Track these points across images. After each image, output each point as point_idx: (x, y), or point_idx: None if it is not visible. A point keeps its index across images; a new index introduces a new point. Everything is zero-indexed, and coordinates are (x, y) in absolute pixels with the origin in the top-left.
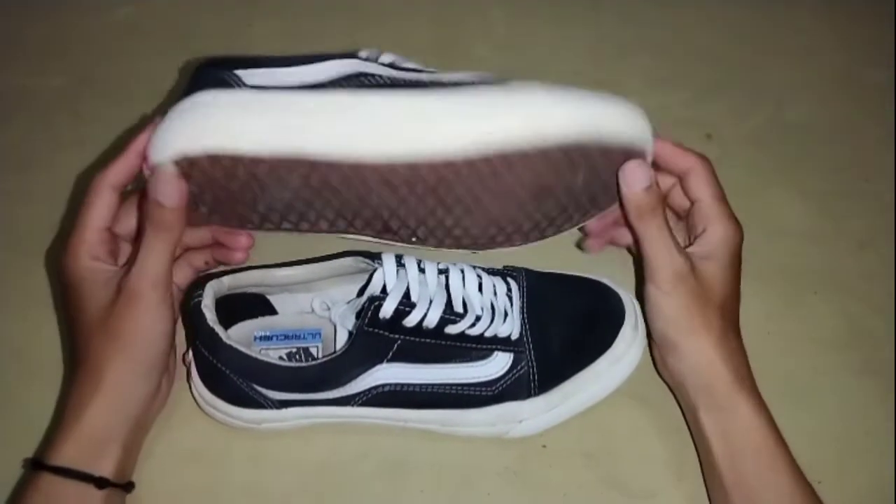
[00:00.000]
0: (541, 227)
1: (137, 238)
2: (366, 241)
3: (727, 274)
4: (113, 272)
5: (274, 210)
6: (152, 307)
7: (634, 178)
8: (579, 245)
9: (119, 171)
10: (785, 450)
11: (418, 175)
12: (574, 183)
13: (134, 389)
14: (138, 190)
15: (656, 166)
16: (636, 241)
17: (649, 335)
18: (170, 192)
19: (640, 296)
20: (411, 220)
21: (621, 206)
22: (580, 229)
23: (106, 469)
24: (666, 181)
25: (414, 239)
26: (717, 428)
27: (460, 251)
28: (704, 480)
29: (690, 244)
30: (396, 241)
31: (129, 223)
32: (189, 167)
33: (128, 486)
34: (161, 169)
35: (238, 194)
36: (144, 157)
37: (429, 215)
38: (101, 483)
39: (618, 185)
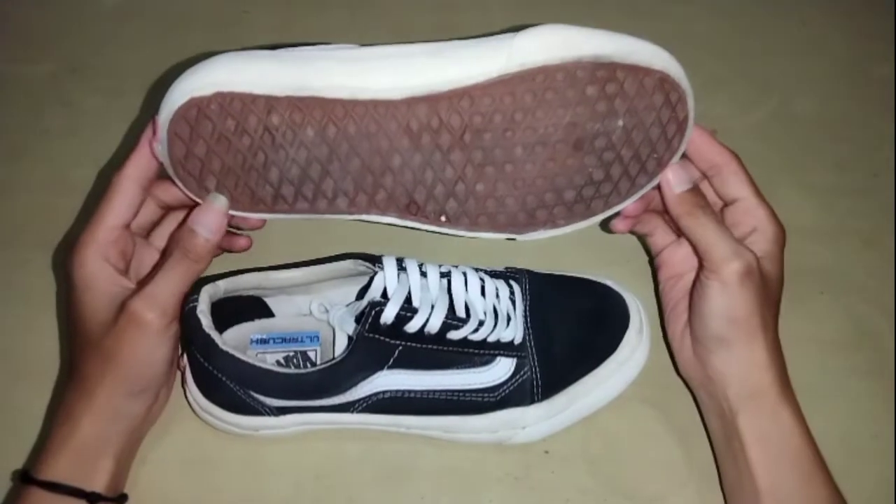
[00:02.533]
0: (585, 198)
1: (161, 258)
2: (388, 226)
3: (780, 275)
4: (120, 285)
5: (287, 181)
6: (154, 334)
7: (678, 179)
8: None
9: (137, 163)
10: (820, 457)
11: (440, 118)
12: (613, 128)
13: (127, 408)
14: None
15: (687, 157)
16: (688, 238)
17: (667, 334)
18: (209, 222)
19: (657, 296)
20: (438, 188)
21: (667, 209)
22: None
23: (98, 483)
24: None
25: (443, 218)
26: (758, 432)
27: (496, 237)
28: (725, 486)
29: None
30: (424, 222)
31: (146, 217)
32: (197, 119)
33: (120, 499)
34: (209, 199)
35: (248, 156)
36: (153, 126)
37: (458, 179)
38: (93, 498)
39: (660, 187)
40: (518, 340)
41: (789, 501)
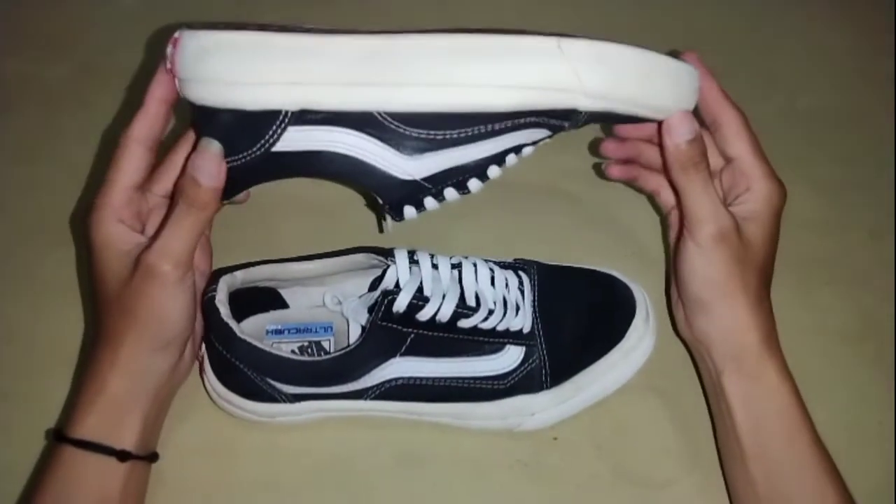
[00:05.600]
0: None
1: (169, 209)
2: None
3: (768, 236)
4: (135, 243)
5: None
6: (169, 286)
7: (679, 130)
8: (598, 168)
9: (143, 123)
10: (807, 418)
11: None
12: None
13: (150, 364)
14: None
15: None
16: (676, 194)
17: (670, 294)
18: (210, 170)
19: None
20: None
21: (663, 157)
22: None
23: (128, 441)
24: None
25: None
26: (741, 394)
27: None
28: (719, 452)
29: (729, 204)
30: None
31: (167, 183)
32: None
33: (152, 458)
34: (204, 143)
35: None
36: (173, 41)
37: None
38: (122, 456)
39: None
40: (527, 329)
41: (774, 463)
